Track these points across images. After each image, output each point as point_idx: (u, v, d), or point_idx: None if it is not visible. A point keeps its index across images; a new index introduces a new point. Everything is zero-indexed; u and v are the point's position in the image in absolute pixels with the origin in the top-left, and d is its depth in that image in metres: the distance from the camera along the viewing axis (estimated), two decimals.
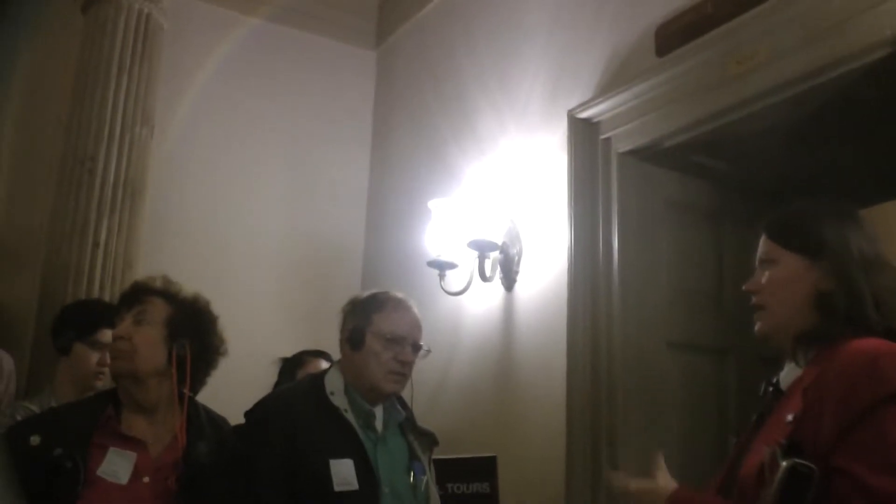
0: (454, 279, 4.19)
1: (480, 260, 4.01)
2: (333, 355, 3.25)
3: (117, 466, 2.25)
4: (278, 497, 2.44)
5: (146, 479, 2.27)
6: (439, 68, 4.90)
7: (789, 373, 1.83)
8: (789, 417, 1.65)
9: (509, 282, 3.99)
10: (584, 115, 3.70)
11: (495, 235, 3.99)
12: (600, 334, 3.52)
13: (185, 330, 2.40)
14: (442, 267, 4.20)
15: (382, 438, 2.67)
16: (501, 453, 3.62)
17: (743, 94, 3.14)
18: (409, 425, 2.78)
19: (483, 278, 4.04)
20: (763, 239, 1.94)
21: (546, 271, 3.78)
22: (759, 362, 3.46)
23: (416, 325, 2.76)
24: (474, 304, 4.18)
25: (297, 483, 2.46)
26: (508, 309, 3.99)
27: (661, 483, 1.88)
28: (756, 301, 1.92)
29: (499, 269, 4.03)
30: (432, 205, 4.19)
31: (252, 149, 5.05)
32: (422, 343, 2.76)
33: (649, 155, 3.60)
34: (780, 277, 1.87)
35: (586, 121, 3.71)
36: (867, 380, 1.58)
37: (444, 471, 3.22)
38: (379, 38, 5.63)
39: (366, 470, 2.52)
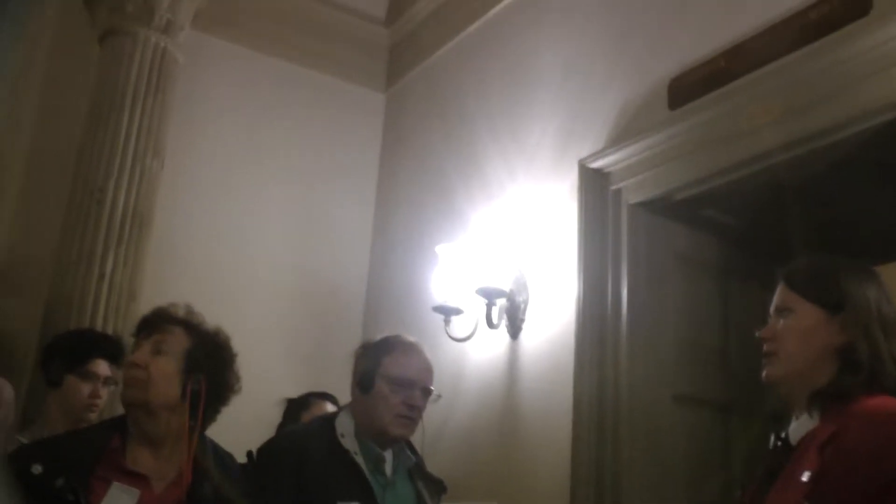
0: (459, 325, 4.19)
1: (488, 307, 4.02)
2: (339, 398, 3.25)
3: (120, 503, 2.21)
4: None
5: None
6: (449, 112, 4.96)
7: (798, 427, 1.85)
8: (805, 476, 1.65)
9: (515, 329, 4.00)
10: (596, 165, 3.75)
11: (503, 282, 4.01)
12: (607, 385, 3.53)
13: (202, 364, 2.37)
14: (448, 312, 4.21)
15: (391, 483, 2.68)
16: (503, 503, 3.60)
17: (754, 150, 3.19)
18: (418, 471, 2.78)
19: (489, 325, 4.04)
20: (781, 287, 1.97)
21: (553, 320, 3.80)
22: (764, 418, 3.45)
23: (427, 370, 2.77)
24: (479, 350, 4.19)
25: None
26: (513, 357, 4.00)
27: None
28: (768, 348, 1.94)
29: (505, 316, 4.03)
30: (439, 249, 4.22)
31: (259, 185, 5.10)
32: (432, 387, 2.75)
33: (660, 207, 3.64)
34: (797, 327, 1.89)
35: (597, 171, 3.75)
36: None
37: None
38: (389, 81, 5.72)
39: None
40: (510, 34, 4.66)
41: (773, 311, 1.97)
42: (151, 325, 2.41)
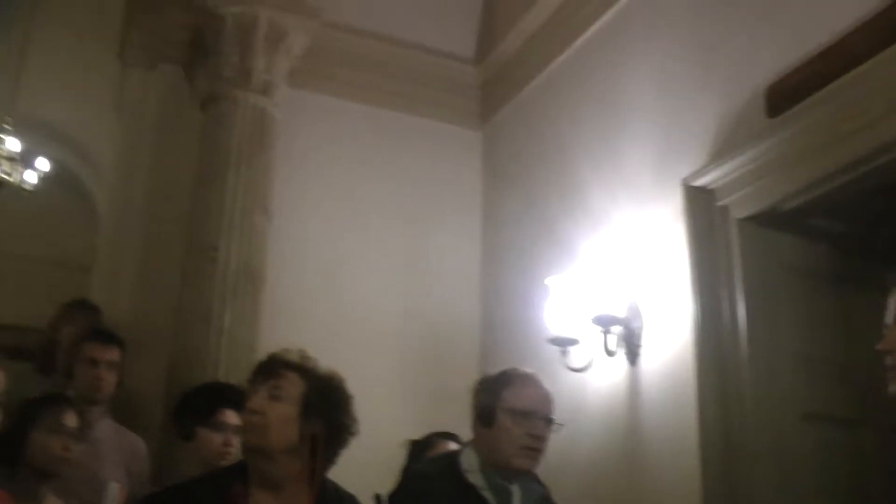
0: (576, 355, 4.19)
1: (604, 335, 4.02)
2: (460, 435, 3.28)
3: None
4: None
5: None
6: (546, 143, 5.01)
7: None
8: None
9: (633, 356, 3.99)
10: (699, 182, 3.73)
11: (616, 310, 4.02)
12: (732, 407, 3.47)
13: (319, 408, 2.38)
14: (564, 343, 4.22)
15: None
16: None
17: (859, 152, 3.13)
18: (545, 502, 2.78)
19: (607, 353, 4.03)
20: None
21: (670, 344, 3.78)
22: None
23: (546, 400, 2.80)
24: (598, 379, 4.18)
25: None
26: (633, 383, 3.98)
27: None
28: (891, 361, 1.87)
29: (622, 343, 4.01)
30: (549, 281, 4.24)
31: (365, 231, 5.26)
32: (553, 417, 2.76)
33: (768, 220, 3.59)
34: None
35: (701, 188, 3.73)
36: None
37: None
38: (483, 118, 5.82)
39: None
40: (599, 60, 4.70)
41: (892, 321, 1.90)
42: (267, 370, 2.44)
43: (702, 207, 3.72)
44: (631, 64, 4.40)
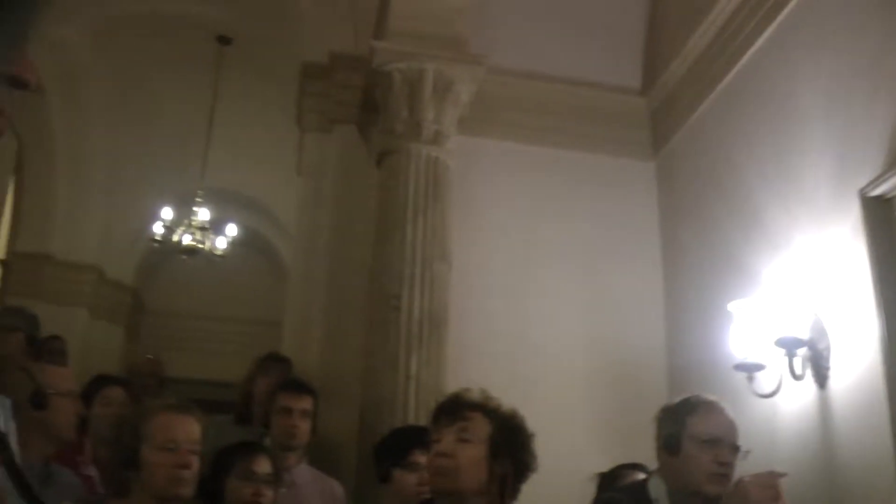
0: (763, 380, 4.12)
1: (789, 358, 3.95)
2: (649, 467, 3.28)
3: None
4: None
5: None
6: (719, 167, 5.03)
7: None
8: None
9: (821, 378, 3.91)
10: (877, 192, 3.70)
11: (801, 331, 3.95)
12: None
13: (506, 448, 2.45)
14: (750, 369, 4.19)
15: None
16: None
17: None
18: None
19: (794, 377, 3.95)
20: None
21: (858, 364, 3.71)
22: None
23: (731, 426, 2.81)
24: (787, 403, 4.13)
25: None
26: (824, 406, 3.90)
27: None
28: None
29: (809, 365, 3.92)
30: (732, 307, 4.21)
31: (543, 270, 5.41)
32: (739, 444, 2.74)
33: None
34: None
35: (879, 198, 3.68)
36: None
37: None
38: (655, 148, 5.91)
39: None
40: (766, 76, 4.69)
41: None
42: (452, 412, 2.53)
43: (881, 218, 3.68)
44: (799, 76, 4.37)
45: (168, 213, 9.38)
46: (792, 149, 4.35)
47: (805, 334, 3.96)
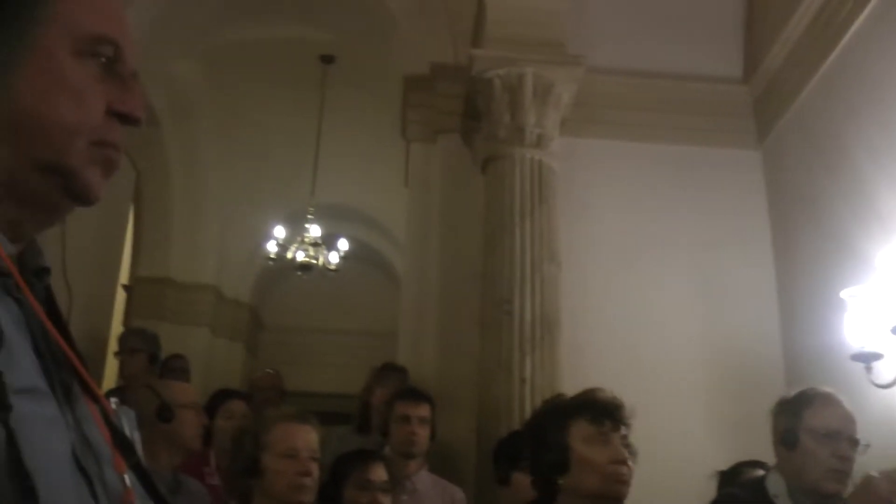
0: (881, 370, 4.04)
1: None
2: (769, 464, 3.26)
3: None
4: None
5: None
6: (827, 151, 4.97)
7: None
8: None
9: None
10: None
11: None
12: None
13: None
14: (867, 359, 4.13)
15: None
16: None
17: None
18: None
19: None
20: None
21: None
22: None
23: (849, 419, 2.78)
24: None
25: None
26: None
27: None
28: None
29: None
30: (846, 294, 4.13)
31: (654, 266, 5.45)
32: (858, 437, 2.71)
33: None
34: None
35: None
36: None
37: None
38: (760, 136, 5.88)
39: None
40: (870, 52, 4.65)
41: None
42: (617, 418, 2.39)
43: None
44: None
45: (281, 231, 9.67)
46: None
47: None
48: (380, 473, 3.40)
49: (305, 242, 9.58)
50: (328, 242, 9.84)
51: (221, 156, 10.09)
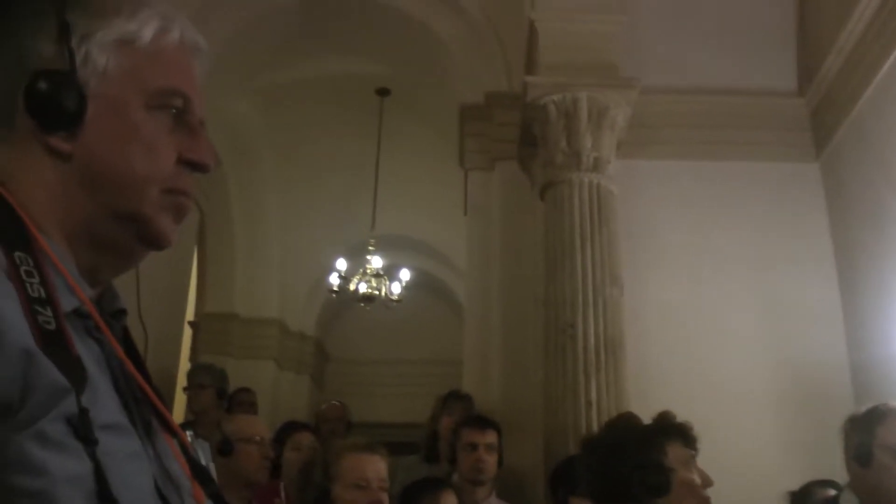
0: None
1: None
2: (840, 483, 3.23)
3: None
4: None
5: None
6: (886, 160, 4.96)
7: None
8: None
9: None
10: None
11: None
12: None
13: None
14: None
15: None
16: None
17: None
18: None
19: None
20: None
21: None
22: None
23: None
24: None
25: None
26: None
27: None
28: None
29: None
30: None
31: (717, 286, 5.46)
32: None
33: None
34: None
35: None
36: None
37: None
38: (818, 147, 5.85)
39: None
40: None
41: None
42: (693, 442, 2.45)
43: None
44: None
45: (342, 263, 9.78)
46: None
47: None
48: (450, 501, 3.43)
49: (367, 274, 9.69)
50: (390, 273, 9.94)
51: (281, 192, 10.28)
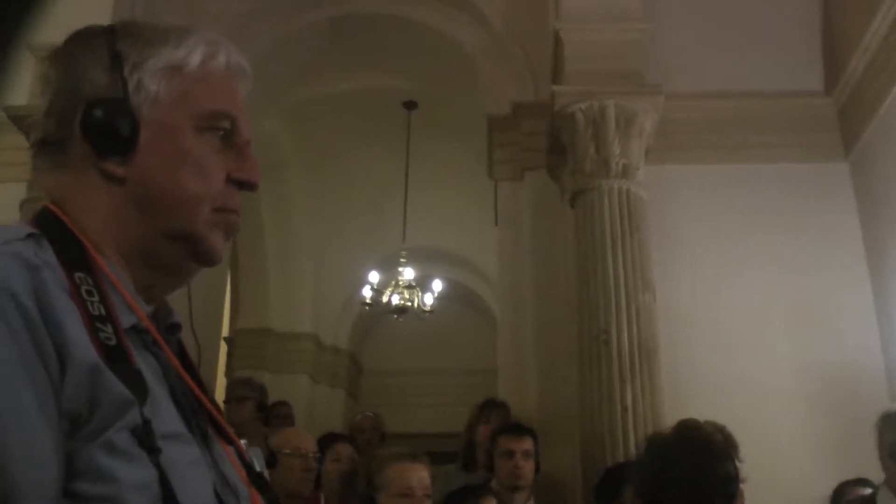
0: None
1: None
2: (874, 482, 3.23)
3: None
4: None
5: None
6: None
7: None
8: None
9: None
10: None
11: None
12: None
13: None
14: None
15: None
16: None
17: None
18: None
19: None
20: None
21: None
22: None
23: None
24: None
25: None
26: None
27: None
28: None
29: None
30: None
31: (748, 289, 5.48)
32: None
33: None
34: None
35: None
36: None
37: None
38: (846, 147, 5.84)
39: None
40: None
41: None
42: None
43: None
44: None
45: (375, 276, 9.86)
46: None
47: None
48: None
49: (400, 286, 9.76)
50: (422, 284, 10.00)
51: (311, 207, 10.38)
